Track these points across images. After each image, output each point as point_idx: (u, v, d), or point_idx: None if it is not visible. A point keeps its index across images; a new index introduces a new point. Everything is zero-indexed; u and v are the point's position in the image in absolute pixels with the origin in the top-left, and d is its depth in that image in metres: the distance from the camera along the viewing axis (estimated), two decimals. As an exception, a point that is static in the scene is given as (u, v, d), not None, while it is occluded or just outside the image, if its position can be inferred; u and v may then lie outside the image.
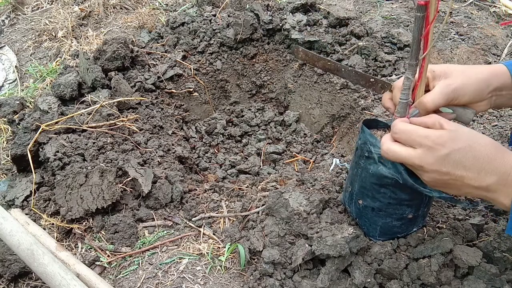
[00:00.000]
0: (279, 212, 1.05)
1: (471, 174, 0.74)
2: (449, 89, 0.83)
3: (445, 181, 0.76)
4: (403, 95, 0.84)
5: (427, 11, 0.72)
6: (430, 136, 0.75)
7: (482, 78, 0.85)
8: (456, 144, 0.74)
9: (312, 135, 1.91)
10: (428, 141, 0.75)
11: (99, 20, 2.15)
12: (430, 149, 0.75)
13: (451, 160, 0.74)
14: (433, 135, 0.75)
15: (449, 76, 0.85)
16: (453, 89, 0.83)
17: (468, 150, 0.74)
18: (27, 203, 1.26)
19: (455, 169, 0.74)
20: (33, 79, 1.87)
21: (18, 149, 1.34)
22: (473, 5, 2.17)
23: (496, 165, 0.73)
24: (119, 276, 1.06)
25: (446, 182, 0.77)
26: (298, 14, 1.96)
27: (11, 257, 1.08)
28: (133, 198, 1.24)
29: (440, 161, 0.75)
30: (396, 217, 0.94)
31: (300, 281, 0.97)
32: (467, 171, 0.74)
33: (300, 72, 1.96)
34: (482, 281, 0.88)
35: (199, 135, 1.86)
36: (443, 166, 0.75)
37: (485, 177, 0.73)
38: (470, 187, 0.75)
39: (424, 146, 0.76)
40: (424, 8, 0.72)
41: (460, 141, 0.75)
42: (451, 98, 0.84)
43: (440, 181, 0.77)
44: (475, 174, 0.74)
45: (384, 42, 1.88)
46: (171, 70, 1.82)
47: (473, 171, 0.74)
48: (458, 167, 0.74)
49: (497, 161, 0.73)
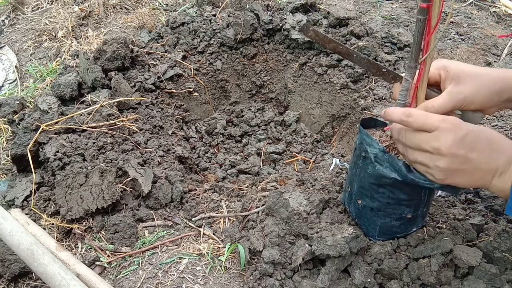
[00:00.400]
0: (279, 212, 1.05)
1: (484, 156, 0.75)
2: (459, 97, 0.82)
3: (459, 167, 0.76)
4: (401, 96, 0.83)
5: (429, 14, 0.72)
6: (448, 119, 0.76)
7: (495, 89, 0.84)
8: (470, 126, 0.76)
9: (312, 135, 1.92)
10: (446, 123, 0.75)
11: (99, 20, 2.15)
12: (448, 130, 0.75)
13: (468, 142, 0.75)
14: (450, 118, 0.77)
15: (462, 81, 0.83)
16: (463, 98, 0.83)
17: (481, 132, 0.76)
18: (27, 203, 1.26)
19: (470, 151, 0.75)
20: (33, 79, 1.87)
21: (18, 149, 1.34)
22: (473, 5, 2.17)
23: (504, 144, 0.75)
24: (119, 276, 1.06)
25: (460, 168, 0.76)
26: (298, 14, 1.96)
27: (11, 257, 1.08)
28: (133, 198, 1.24)
29: (458, 143, 0.75)
30: (395, 217, 0.94)
31: (300, 281, 0.97)
32: (481, 153, 0.75)
33: (300, 72, 1.96)
34: (482, 281, 0.88)
35: (199, 135, 1.86)
36: (461, 147, 0.75)
37: (496, 158, 0.75)
38: (482, 171, 0.76)
39: (441, 129, 0.75)
40: (426, 11, 0.71)
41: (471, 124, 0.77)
42: (459, 105, 0.84)
43: (453, 167, 0.76)
44: (487, 156, 0.75)
45: (384, 42, 1.88)
46: (171, 70, 1.82)
47: (486, 152, 0.75)
48: (473, 149, 0.75)
49: (505, 142, 0.76)
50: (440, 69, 0.86)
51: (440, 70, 0.86)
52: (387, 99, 1.66)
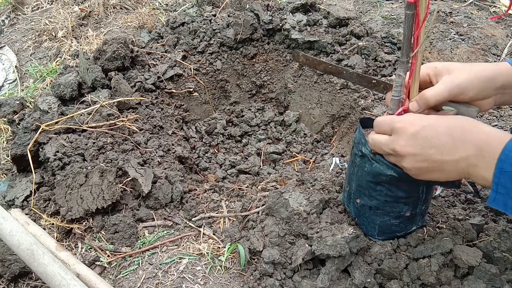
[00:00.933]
0: (279, 212, 1.05)
1: (446, 149, 0.72)
2: (453, 84, 0.82)
3: (422, 165, 0.76)
4: (395, 92, 0.84)
5: (416, 9, 0.73)
6: (400, 119, 0.78)
7: (486, 75, 0.83)
8: (424, 121, 0.75)
9: (312, 135, 1.92)
10: (398, 123, 0.77)
11: (99, 20, 2.15)
12: (400, 129, 0.77)
13: (421, 138, 0.74)
14: (402, 117, 0.78)
15: (452, 72, 0.84)
16: (457, 84, 0.82)
17: (438, 125, 0.74)
18: (27, 203, 1.26)
19: (427, 147, 0.74)
20: (33, 79, 1.87)
21: (18, 149, 1.34)
22: (473, 5, 2.17)
23: (471, 134, 0.71)
24: (119, 276, 1.06)
25: (424, 166, 0.76)
26: (298, 14, 1.96)
27: (11, 257, 1.08)
28: (133, 198, 1.24)
29: (411, 141, 0.75)
30: (393, 215, 0.94)
31: (300, 281, 0.97)
32: (441, 147, 0.73)
33: (300, 72, 1.96)
34: (482, 281, 0.88)
35: (199, 135, 1.86)
36: (415, 145, 0.74)
37: (462, 148, 0.71)
38: (450, 164, 0.73)
39: (395, 130, 0.78)
40: (413, 6, 0.73)
41: (428, 118, 0.76)
42: (455, 93, 0.83)
43: (417, 165, 0.76)
44: (449, 148, 0.72)
45: (384, 42, 1.88)
46: (171, 70, 1.82)
47: (447, 145, 0.72)
48: (429, 145, 0.73)
49: (472, 131, 0.72)
50: (428, 68, 0.87)
51: (428, 69, 0.87)
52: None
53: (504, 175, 0.67)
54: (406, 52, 0.79)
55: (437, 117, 0.77)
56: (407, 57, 0.79)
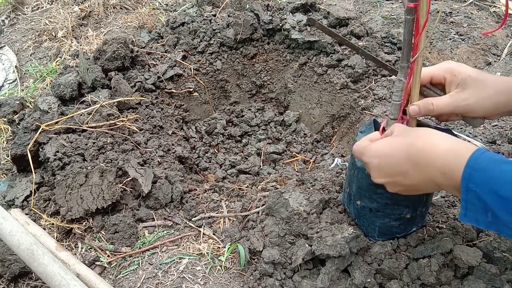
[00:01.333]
0: (279, 212, 1.05)
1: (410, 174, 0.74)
2: (461, 104, 0.81)
3: (402, 189, 0.79)
4: (396, 97, 0.84)
5: (416, 14, 0.72)
6: (364, 153, 0.81)
7: (501, 100, 0.80)
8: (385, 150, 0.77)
9: (312, 135, 1.91)
10: (363, 157, 0.82)
11: (99, 20, 2.15)
12: (368, 164, 0.81)
13: (385, 167, 0.77)
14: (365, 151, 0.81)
15: (467, 88, 0.81)
16: (465, 105, 0.81)
17: (397, 153, 0.75)
18: (27, 203, 1.26)
19: (393, 175, 0.77)
20: (33, 79, 1.87)
21: (18, 149, 1.34)
22: (473, 5, 2.16)
23: (430, 156, 0.71)
24: (119, 276, 1.06)
25: (404, 190, 0.79)
26: (298, 14, 1.96)
27: (11, 257, 1.08)
28: (133, 198, 1.24)
29: (377, 172, 0.79)
30: (394, 217, 0.94)
31: (300, 281, 0.97)
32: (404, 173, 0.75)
33: (300, 72, 1.96)
34: (482, 281, 0.88)
35: (199, 135, 1.86)
36: (383, 175, 0.78)
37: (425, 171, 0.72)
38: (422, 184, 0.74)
39: (365, 164, 0.83)
40: (413, 11, 0.72)
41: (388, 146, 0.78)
42: (461, 111, 0.83)
43: (397, 190, 0.80)
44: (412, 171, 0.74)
45: (384, 42, 1.88)
46: (171, 70, 1.82)
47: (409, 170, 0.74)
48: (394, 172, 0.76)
49: (431, 153, 0.71)
50: (446, 73, 0.85)
51: (446, 73, 0.85)
52: (387, 99, 1.66)
53: (470, 193, 0.66)
54: (406, 57, 0.78)
55: (397, 143, 0.77)
56: (408, 62, 0.79)
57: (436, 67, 0.87)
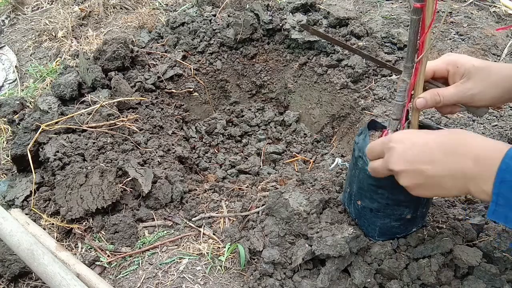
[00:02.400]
0: (279, 212, 1.05)
1: (439, 163, 0.70)
2: (467, 93, 0.81)
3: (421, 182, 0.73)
4: (399, 97, 0.83)
5: (423, 14, 0.72)
6: (390, 139, 0.77)
7: (506, 87, 0.80)
8: (414, 138, 0.74)
9: (312, 135, 1.92)
10: (388, 143, 0.77)
11: (99, 20, 2.15)
12: (391, 149, 0.76)
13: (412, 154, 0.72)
14: (391, 136, 0.77)
15: (472, 78, 0.81)
16: (470, 95, 0.81)
17: (429, 141, 0.72)
18: (27, 203, 1.26)
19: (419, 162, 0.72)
20: (33, 79, 1.87)
21: (18, 149, 1.34)
22: (473, 5, 2.16)
23: (466, 148, 0.68)
24: (119, 276, 1.06)
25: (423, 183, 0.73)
26: (298, 14, 1.96)
27: (11, 257, 1.08)
28: (133, 198, 1.24)
29: (402, 158, 0.73)
30: (394, 217, 0.94)
31: (300, 281, 0.97)
32: (433, 162, 0.70)
33: (300, 72, 1.96)
34: (482, 281, 0.88)
35: (199, 135, 1.86)
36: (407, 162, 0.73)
37: (457, 162, 0.68)
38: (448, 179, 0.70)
39: (386, 150, 0.77)
40: (419, 11, 0.71)
41: (419, 134, 0.75)
42: (466, 101, 0.82)
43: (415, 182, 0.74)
44: (443, 161, 0.70)
45: (384, 42, 1.88)
46: (171, 70, 1.82)
47: (440, 159, 0.70)
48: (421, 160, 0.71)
49: (467, 144, 0.68)
50: (449, 65, 0.84)
51: (448, 65, 0.84)
52: (387, 99, 1.66)
53: (504, 185, 0.63)
54: (411, 57, 0.77)
55: (427, 133, 0.74)
56: (412, 62, 0.78)
57: (438, 60, 0.87)
